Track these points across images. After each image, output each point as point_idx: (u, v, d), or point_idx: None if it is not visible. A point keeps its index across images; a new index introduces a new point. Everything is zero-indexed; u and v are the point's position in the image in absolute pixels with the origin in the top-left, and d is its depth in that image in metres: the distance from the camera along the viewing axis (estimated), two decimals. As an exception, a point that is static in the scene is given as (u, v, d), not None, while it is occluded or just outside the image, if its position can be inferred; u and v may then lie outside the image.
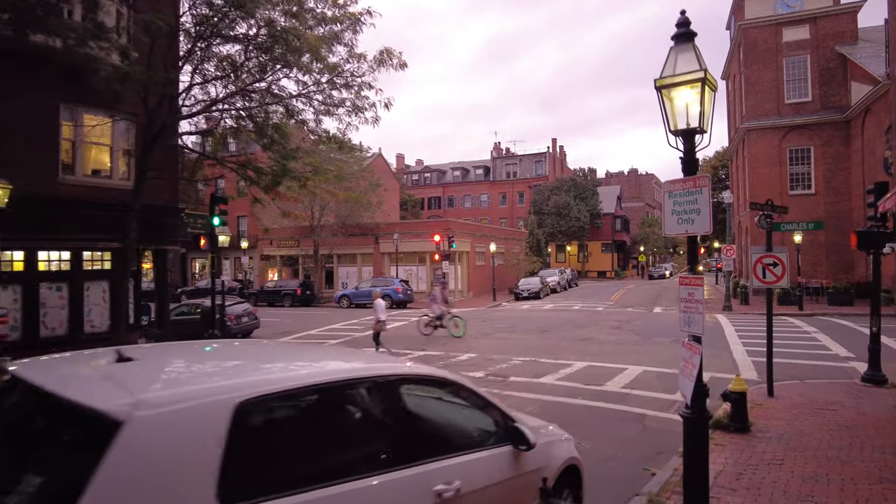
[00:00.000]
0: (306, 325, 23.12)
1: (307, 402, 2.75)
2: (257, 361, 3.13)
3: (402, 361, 3.98)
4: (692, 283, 4.58)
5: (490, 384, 11.40)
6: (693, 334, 4.59)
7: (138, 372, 2.66)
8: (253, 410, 2.38)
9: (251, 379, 2.54)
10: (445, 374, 3.62)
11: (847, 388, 10.67)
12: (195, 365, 3.02)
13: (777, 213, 10.47)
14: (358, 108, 14.97)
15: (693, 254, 4.73)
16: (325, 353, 3.81)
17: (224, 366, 3.08)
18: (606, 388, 11.04)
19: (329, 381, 2.84)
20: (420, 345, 17.16)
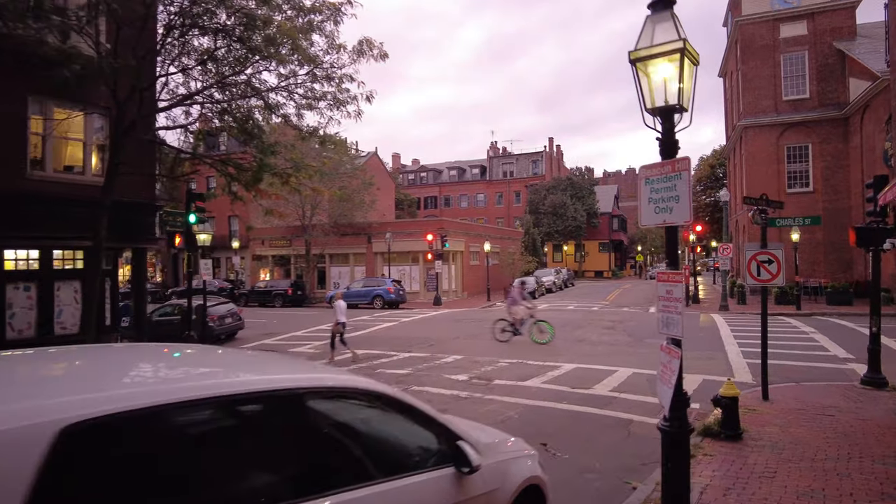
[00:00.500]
0: (292, 326, 22.63)
1: (170, 424, 2.21)
2: (124, 371, 2.61)
3: (330, 371, 3.45)
4: (671, 280, 4.08)
5: (474, 388, 10.91)
6: (672, 337, 4.09)
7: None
8: (85, 438, 1.87)
9: (89, 397, 2.01)
10: (372, 386, 3.10)
11: (845, 392, 10.18)
12: (34, 376, 2.50)
13: (772, 208, 9.99)
14: (339, 102, 14.47)
15: (672, 247, 4.23)
16: (228, 361, 3.28)
17: (73, 378, 2.55)
18: (594, 391, 10.54)
19: (200, 398, 2.29)
20: (406, 346, 16.66)
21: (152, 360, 3.07)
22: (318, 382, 2.85)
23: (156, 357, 3.19)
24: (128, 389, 2.24)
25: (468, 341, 17.58)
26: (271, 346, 17.78)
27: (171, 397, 2.19)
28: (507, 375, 12.05)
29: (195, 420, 2.33)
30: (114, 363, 2.87)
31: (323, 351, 16.51)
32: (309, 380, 2.84)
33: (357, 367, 13.63)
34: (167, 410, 2.16)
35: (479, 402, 9.70)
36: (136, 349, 3.83)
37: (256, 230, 40.86)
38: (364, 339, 18.55)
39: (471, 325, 21.82)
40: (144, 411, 2.07)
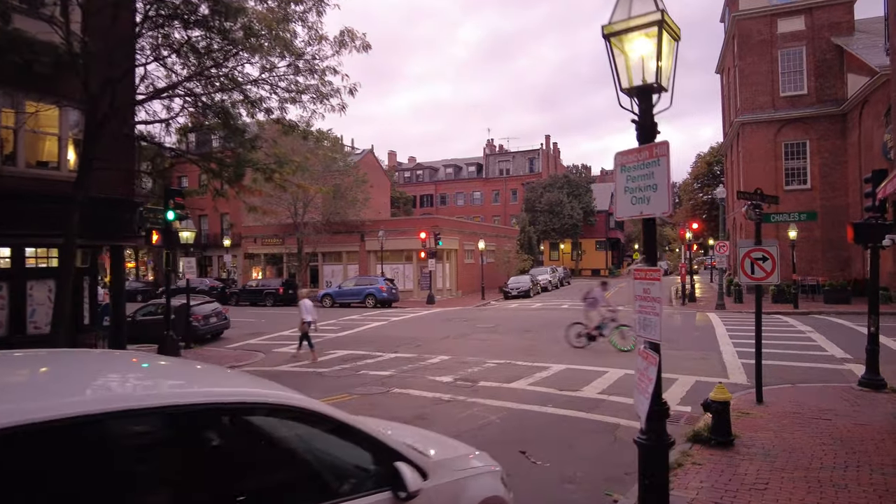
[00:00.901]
0: (280, 326, 22.21)
1: (50, 441, 1.91)
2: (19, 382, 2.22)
3: (252, 385, 3.02)
4: (648, 278, 3.68)
5: (457, 390, 10.50)
6: (649, 340, 3.69)
7: None
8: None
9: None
10: (292, 400, 2.69)
11: (843, 394, 9.80)
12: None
13: (767, 203, 9.59)
14: (322, 95, 14.06)
15: (650, 241, 3.83)
16: (147, 373, 2.88)
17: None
18: (581, 393, 10.15)
19: (55, 418, 1.92)
20: (393, 346, 16.26)
21: (65, 369, 2.69)
22: (226, 397, 2.44)
23: (70, 366, 2.81)
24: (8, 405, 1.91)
25: (457, 341, 17.19)
26: (256, 346, 17.38)
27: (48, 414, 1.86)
28: (493, 377, 11.66)
29: (74, 438, 1.99)
30: (15, 373, 2.51)
31: (307, 351, 16.12)
32: (218, 393, 2.44)
33: (325, 370, 13.23)
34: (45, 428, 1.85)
35: (462, 406, 9.30)
36: (59, 356, 3.45)
37: (248, 228, 40.45)
38: (351, 339, 18.16)
39: (462, 324, 21.43)
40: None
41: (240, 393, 2.56)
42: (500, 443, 7.38)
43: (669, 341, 16.08)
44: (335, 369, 12.96)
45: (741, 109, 33.12)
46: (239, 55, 13.76)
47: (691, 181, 53.50)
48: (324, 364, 13.77)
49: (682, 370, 12.06)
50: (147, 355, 3.49)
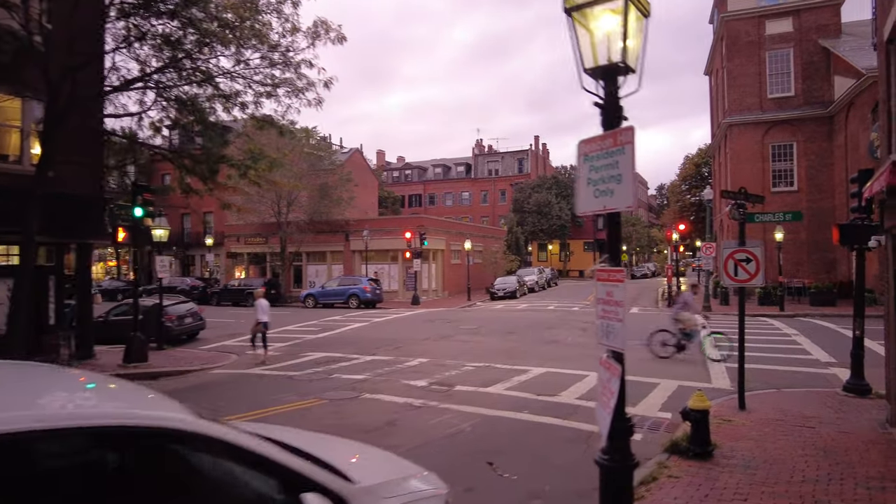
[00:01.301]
0: (261, 326, 21.66)
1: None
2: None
3: (139, 405, 2.58)
4: (611, 279, 3.30)
5: (431, 395, 10.10)
6: (611, 349, 3.31)
7: None
8: None
9: None
10: (167, 421, 2.25)
11: (827, 399, 9.52)
12: None
13: (751, 202, 9.29)
14: (297, 90, 13.64)
15: (614, 238, 3.44)
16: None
17: None
18: (559, 398, 9.78)
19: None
20: (371, 348, 15.82)
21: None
22: (79, 420, 2.02)
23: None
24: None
25: (437, 343, 16.79)
26: (230, 348, 16.87)
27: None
28: (470, 381, 11.27)
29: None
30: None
31: (283, 353, 15.68)
32: (66, 414, 2.01)
33: (296, 373, 12.78)
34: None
35: (433, 412, 8.90)
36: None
37: (231, 227, 39.82)
38: (330, 341, 17.70)
39: (444, 325, 21.03)
40: None
41: (97, 415, 2.13)
42: (469, 453, 7.00)
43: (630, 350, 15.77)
44: (307, 372, 12.51)
45: (729, 111, 33.01)
46: (211, 46, 13.30)
47: (679, 183, 53.45)
48: (296, 367, 13.32)
49: (664, 374, 11.73)
50: (32, 368, 2.98)
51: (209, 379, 12.50)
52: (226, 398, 10.33)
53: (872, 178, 7.18)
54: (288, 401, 9.72)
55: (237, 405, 9.49)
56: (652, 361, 13.22)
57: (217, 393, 10.89)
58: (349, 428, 8.08)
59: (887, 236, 7.76)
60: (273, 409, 9.15)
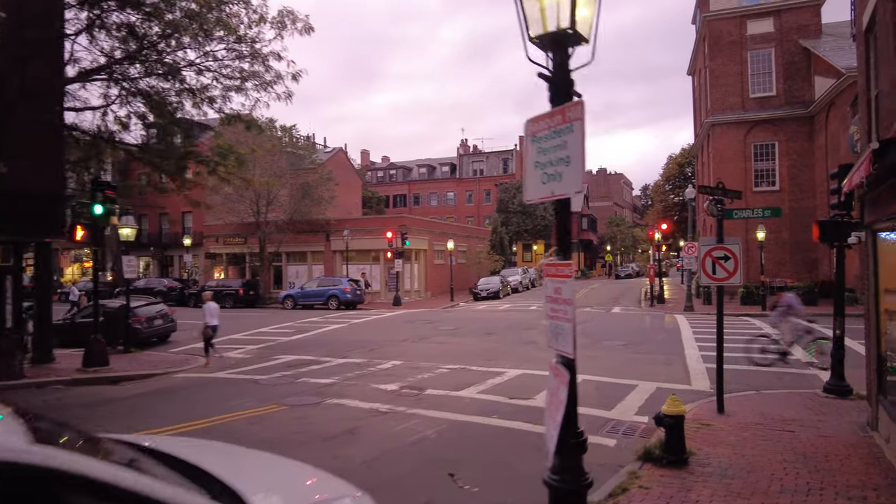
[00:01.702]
0: (235, 328, 21.12)
1: None
2: None
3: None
4: (559, 275, 2.91)
5: (399, 400, 9.67)
6: (561, 353, 2.92)
7: None
8: None
9: None
10: (22, 456, 1.77)
11: (808, 401, 9.24)
12: None
13: (730, 198, 8.98)
14: (266, 83, 13.15)
15: (564, 229, 3.06)
16: None
17: None
18: (532, 402, 9.41)
19: None
20: (345, 351, 15.36)
21: None
22: None
23: None
24: None
25: (414, 345, 16.36)
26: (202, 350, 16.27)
27: None
28: (442, 384, 10.86)
29: None
30: None
31: (253, 356, 15.17)
32: None
33: (263, 377, 12.29)
34: None
35: (399, 418, 8.47)
36: None
37: (210, 227, 39.06)
38: (303, 343, 17.20)
39: (424, 326, 20.61)
40: None
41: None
42: (431, 462, 6.59)
43: (633, 344, 15.50)
44: (274, 377, 12.02)
45: (711, 110, 32.97)
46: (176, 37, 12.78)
47: (663, 183, 53.47)
48: (264, 370, 12.82)
49: (643, 376, 11.42)
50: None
51: (172, 383, 11.97)
52: (181, 404, 9.83)
53: (853, 169, 6.90)
54: (246, 407, 9.24)
55: (191, 412, 8.99)
56: (631, 363, 12.92)
57: (174, 398, 10.37)
58: (306, 437, 7.64)
59: (867, 232, 7.49)
60: (228, 416, 8.67)
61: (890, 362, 6.80)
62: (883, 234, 6.91)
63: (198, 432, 7.90)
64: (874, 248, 7.29)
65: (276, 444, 7.34)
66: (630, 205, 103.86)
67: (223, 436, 7.75)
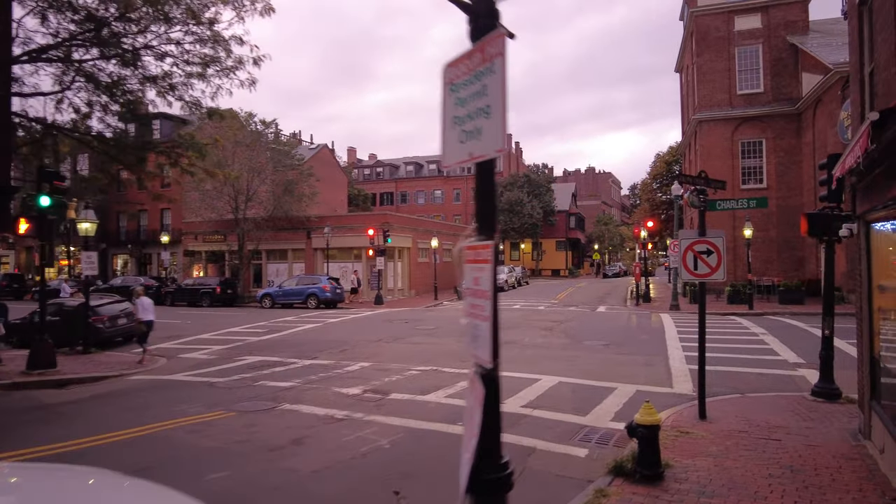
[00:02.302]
0: (206, 328, 20.31)
1: None
2: None
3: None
4: (478, 259, 2.25)
5: (359, 405, 8.99)
6: (478, 361, 2.26)
7: None
8: None
9: None
10: None
11: (795, 405, 8.67)
12: None
13: (713, 188, 8.38)
14: (227, 69, 12.41)
15: (486, 201, 2.39)
16: None
17: None
18: (503, 407, 8.74)
19: None
20: (314, 351, 14.64)
21: None
22: None
23: None
24: None
25: (389, 345, 15.67)
26: (165, 351, 15.50)
27: None
28: (409, 388, 10.19)
29: None
30: None
31: (218, 357, 14.40)
32: None
33: (220, 379, 11.56)
34: None
35: (354, 426, 7.78)
36: None
37: (188, 224, 38.12)
38: (273, 344, 16.45)
39: (402, 326, 19.92)
40: None
41: None
42: (377, 477, 5.92)
43: (614, 345, 14.92)
44: (233, 379, 11.29)
45: (699, 107, 32.54)
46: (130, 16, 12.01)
47: (650, 181, 53.07)
48: (224, 372, 12.08)
49: (623, 378, 10.81)
50: None
51: (122, 386, 11.19)
52: (123, 410, 9.07)
53: (844, 153, 6.31)
54: (193, 413, 8.52)
55: (130, 418, 8.26)
56: (611, 364, 12.32)
57: (118, 403, 9.60)
58: (248, 446, 6.94)
59: (859, 223, 6.90)
60: (169, 423, 7.93)
61: (884, 363, 6.23)
62: (877, 226, 6.33)
63: (127, 442, 7.18)
64: (867, 242, 6.71)
65: (214, 455, 6.65)
66: (619, 204, 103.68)
67: (156, 446, 7.05)
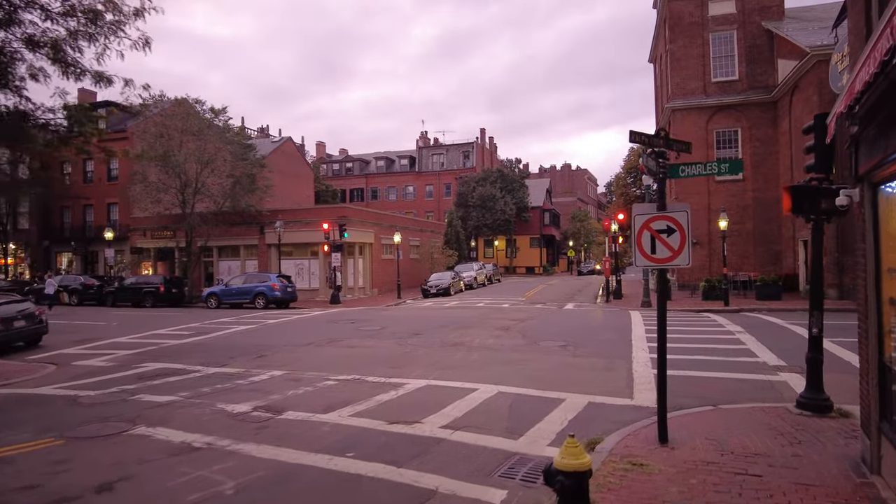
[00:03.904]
0: (130, 330, 18.17)
1: None
2: None
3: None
4: None
5: (235, 429, 7.12)
6: None
7: None
8: None
9: None
10: None
11: (778, 421, 7.04)
12: None
13: (674, 150, 6.68)
14: (111, 25, 10.42)
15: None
16: None
17: None
18: (418, 427, 6.97)
19: None
20: (226, 358, 12.71)
21: None
22: None
23: None
24: None
25: (318, 349, 13.78)
26: (65, 357, 13.46)
27: None
28: (312, 403, 8.34)
29: None
30: None
31: (116, 364, 12.38)
32: None
33: (93, 392, 9.57)
34: None
35: (206, 460, 5.91)
36: None
37: (136, 219, 35.69)
38: (188, 349, 14.44)
39: (345, 327, 18.02)
40: None
41: None
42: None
43: (573, 345, 13.23)
44: (106, 393, 9.32)
45: (672, 95, 31.21)
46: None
47: (624, 175, 51.80)
48: (105, 384, 10.10)
49: (576, 386, 9.11)
50: None
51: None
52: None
53: (839, 98, 4.66)
54: (9, 442, 6.56)
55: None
56: (565, 368, 10.62)
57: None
58: (33, 496, 5.04)
59: (862, 187, 5.24)
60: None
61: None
62: (888, 188, 4.67)
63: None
64: (873, 211, 5.06)
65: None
66: (595, 201, 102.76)
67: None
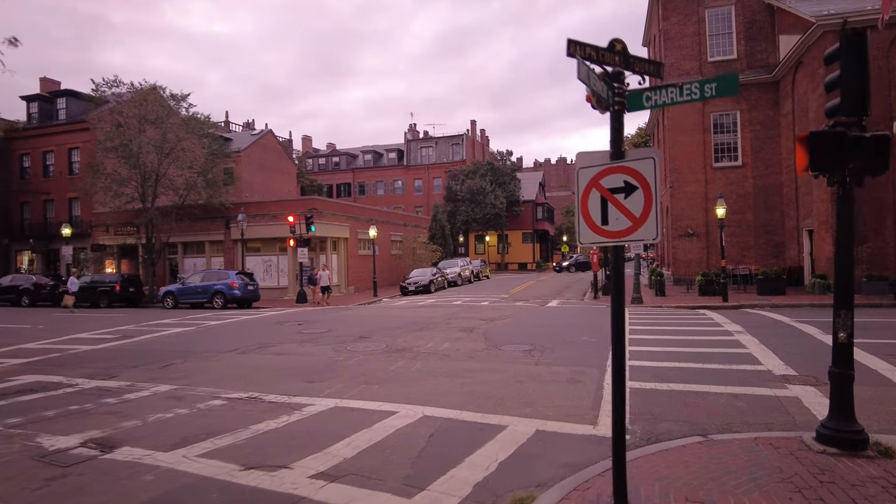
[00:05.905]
0: (52, 334, 16.07)
1: None
2: None
3: None
4: None
5: (29, 474, 5.04)
6: None
7: None
8: None
9: None
10: None
11: (794, 464, 4.95)
12: None
13: (636, 72, 4.42)
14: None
15: None
16: None
17: None
18: (280, 477, 4.90)
19: None
20: (117, 369, 10.62)
21: None
22: None
23: None
24: None
25: (238, 357, 11.67)
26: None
27: None
28: (168, 433, 6.26)
29: None
30: None
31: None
32: None
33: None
34: None
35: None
36: None
37: (98, 215, 33.64)
38: (92, 356, 12.35)
39: (288, 330, 15.92)
40: None
41: None
42: None
43: (540, 350, 11.12)
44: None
45: (666, 76, 28.98)
46: None
47: (619, 166, 49.75)
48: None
49: (527, 405, 7.03)
50: None
51: None
52: None
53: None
54: None
55: None
56: (519, 380, 8.51)
57: None
58: None
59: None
60: None
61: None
62: None
63: None
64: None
65: None
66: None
67: None
